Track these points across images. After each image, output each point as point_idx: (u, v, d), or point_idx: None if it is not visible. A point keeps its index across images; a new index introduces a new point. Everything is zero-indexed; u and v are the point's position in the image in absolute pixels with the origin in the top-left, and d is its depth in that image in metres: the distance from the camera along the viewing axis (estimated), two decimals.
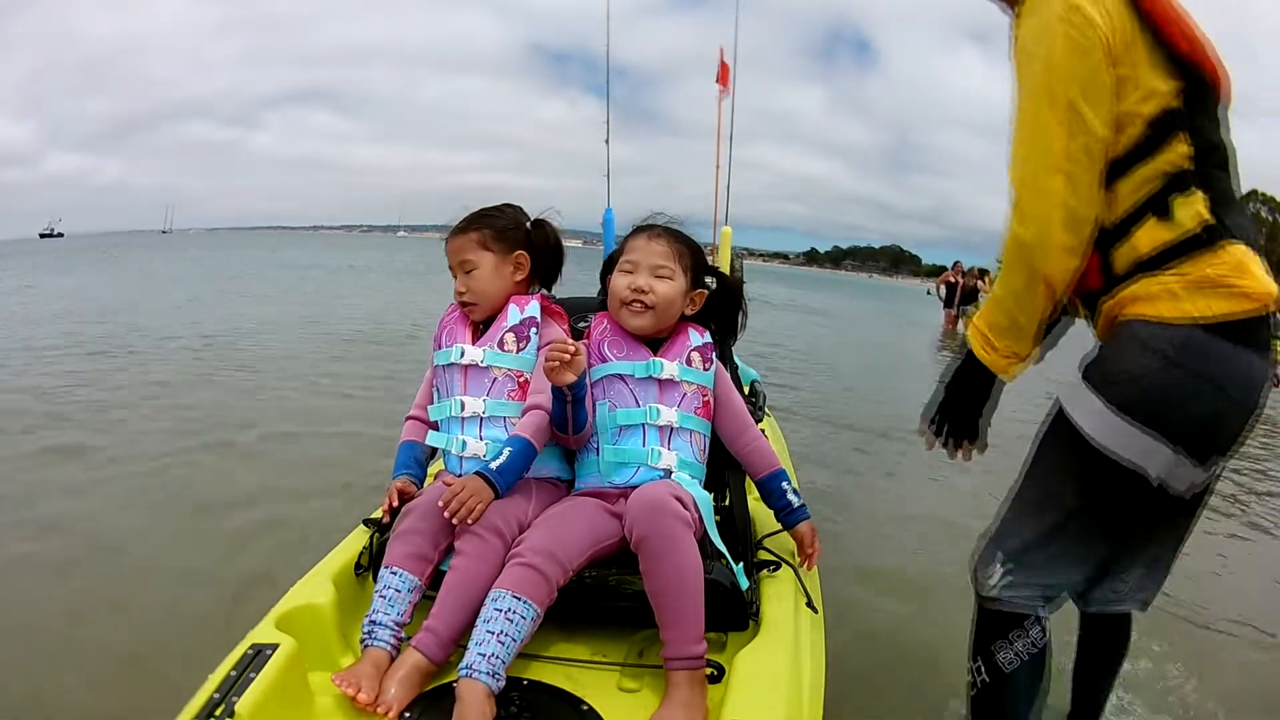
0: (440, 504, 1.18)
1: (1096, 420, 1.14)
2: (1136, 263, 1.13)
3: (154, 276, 14.37)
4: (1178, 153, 1.11)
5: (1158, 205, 1.12)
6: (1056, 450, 1.21)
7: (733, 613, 1.21)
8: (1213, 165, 1.13)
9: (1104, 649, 1.46)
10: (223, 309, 8.61)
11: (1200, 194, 1.11)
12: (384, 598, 1.17)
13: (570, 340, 1.24)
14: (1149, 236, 1.12)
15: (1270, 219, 39.62)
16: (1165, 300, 1.10)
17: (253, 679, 0.97)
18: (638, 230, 1.44)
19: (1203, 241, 1.10)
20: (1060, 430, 1.19)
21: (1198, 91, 1.12)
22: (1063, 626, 1.38)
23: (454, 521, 1.17)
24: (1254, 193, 40.17)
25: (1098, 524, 1.22)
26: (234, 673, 0.98)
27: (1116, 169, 1.12)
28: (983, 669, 1.29)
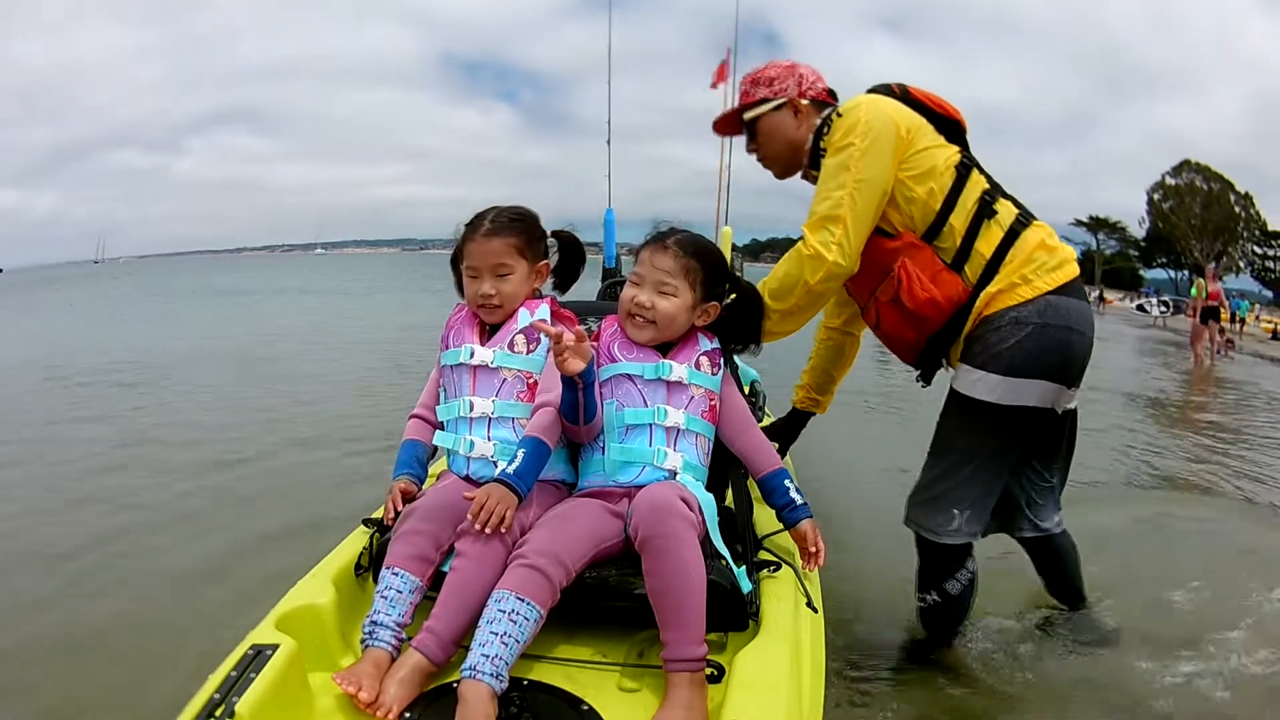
0: (470, 517, 1.17)
1: (1000, 390, 1.56)
2: (985, 266, 1.58)
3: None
4: (979, 181, 1.62)
5: (987, 212, 1.59)
6: (966, 422, 1.63)
7: (732, 613, 1.21)
8: (997, 187, 1.64)
9: (1062, 554, 1.92)
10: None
11: (1004, 200, 1.62)
12: (385, 598, 1.17)
13: (576, 330, 1.23)
14: (987, 240, 1.58)
15: (1205, 187, 38.77)
16: (1022, 286, 1.55)
17: (253, 679, 0.97)
18: (648, 241, 1.42)
19: (1023, 224, 1.60)
20: (966, 410, 1.61)
21: (968, 152, 1.67)
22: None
23: (486, 531, 1.17)
24: (1186, 162, 39.78)
25: (1015, 456, 1.68)
26: (234, 673, 0.98)
27: (945, 210, 1.59)
28: (934, 594, 1.74)
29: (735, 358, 1.65)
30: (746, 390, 1.93)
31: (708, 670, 1.12)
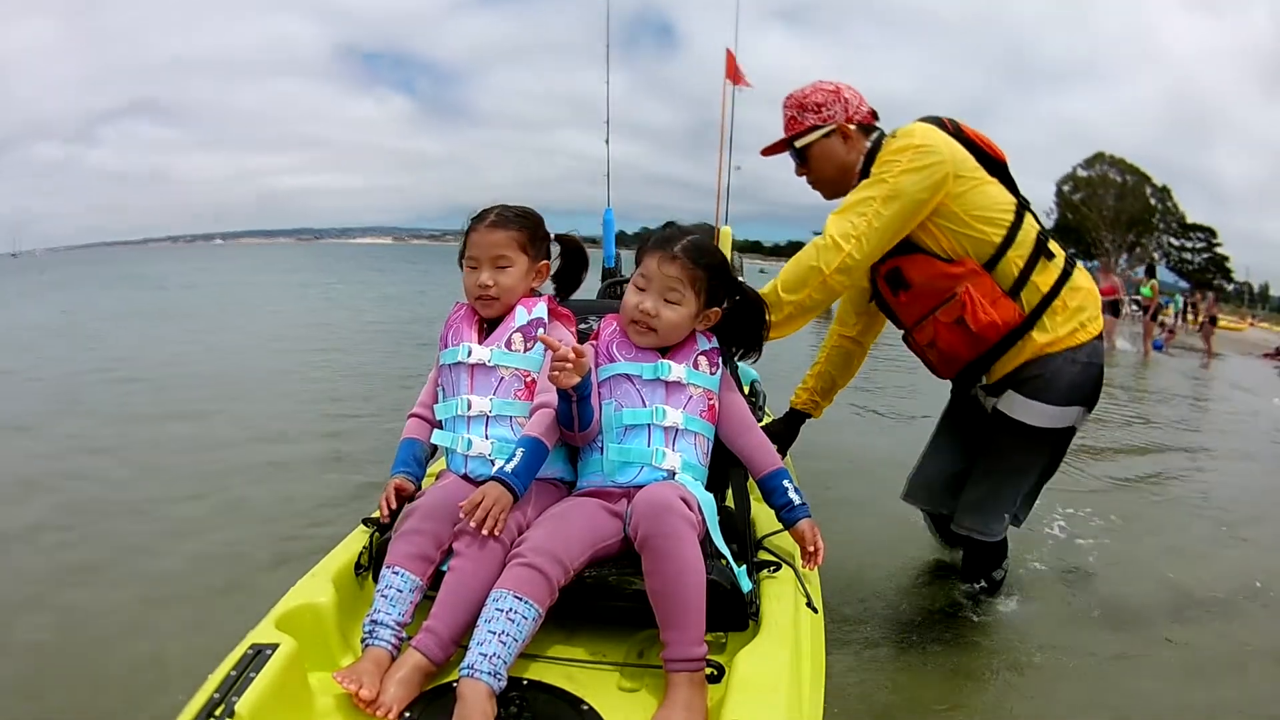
0: (475, 525, 1.17)
1: (1054, 416, 1.81)
2: (1041, 298, 1.77)
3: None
4: (1033, 225, 1.81)
5: (1045, 253, 1.79)
6: (1025, 443, 1.86)
7: (732, 613, 1.21)
8: (1044, 228, 1.85)
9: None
10: None
11: (1054, 243, 1.82)
12: (385, 597, 1.17)
13: (574, 345, 1.23)
14: (1045, 277, 1.78)
15: (1119, 180, 38.13)
16: (1079, 331, 1.79)
17: (253, 679, 0.97)
18: (654, 247, 1.39)
19: (1072, 265, 1.83)
20: (1025, 434, 1.83)
21: (1019, 193, 1.84)
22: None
23: (483, 532, 1.17)
24: (1100, 155, 39.20)
25: (1057, 463, 1.96)
26: (234, 673, 0.98)
27: (1005, 244, 1.76)
28: (982, 582, 2.07)
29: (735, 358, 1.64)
30: (746, 390, 1.93)
31: (708, 670, 1.12)
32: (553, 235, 1.53)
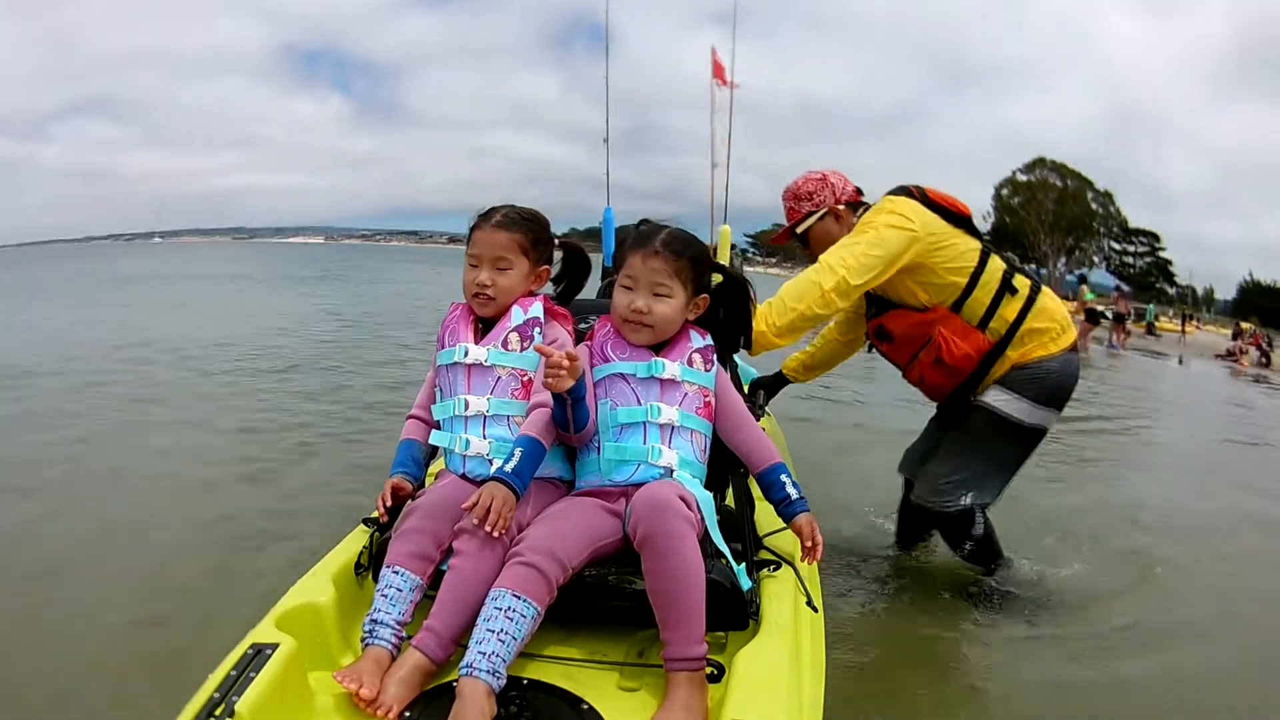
0: (489, 528, 1.16)
1: (1028, 413, 2.05)
2: (1008, 327, 2.03)
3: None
4: (998, 263, 2.05)
5: (1009, 289, 2.03)
6: (995, 433, 2.08)
7: (732, 612, 1.21)
8: (1012, 264, 2.09)
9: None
10: None
11: (1020, 275, 2.07)
12: (385, 597, 1.17)
13: (566, 350, 1.22)
14: (1009, 309, 2.04)
15: (1060, 184, 38.29)
16: (1050, 344, 2.06)
17: (253, 679, 0.97)
18: (634, 245, 1.40)
19: (1035, 293, 2.06)
20: (996, 425, 2.06)
21: (984, 239, 2.10)
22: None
23: (495, 534, 1.17)
24: (1040, 160, 39.24)
25: (1021, 460, 2.16)
26: (234, 672, 0.98)
27: (970, 285, 2.02)
28: (969, 543, 2.16)
29: (736, 359, 1.65)
30: (746, 390, 1.93)
31: (708, 669, 1.12)
32: (556, 240, 1.53)
